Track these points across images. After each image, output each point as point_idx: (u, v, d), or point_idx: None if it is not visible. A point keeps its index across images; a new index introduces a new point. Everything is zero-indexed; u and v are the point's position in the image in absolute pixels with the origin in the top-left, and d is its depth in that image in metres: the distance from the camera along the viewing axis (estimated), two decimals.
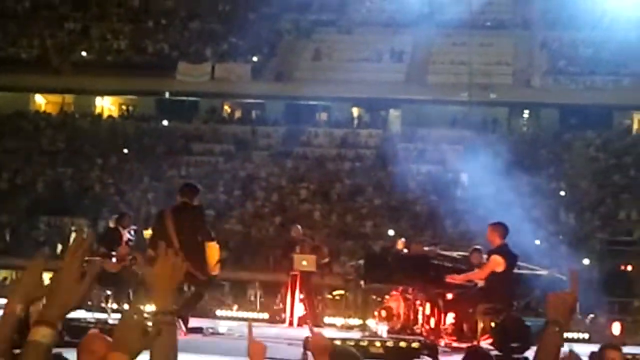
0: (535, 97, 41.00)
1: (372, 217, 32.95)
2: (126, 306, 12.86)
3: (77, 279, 2.70)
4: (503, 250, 11.74)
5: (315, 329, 4.49)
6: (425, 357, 8.90)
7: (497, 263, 11.56)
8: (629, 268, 20.00)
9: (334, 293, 20.06)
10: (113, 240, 13.43)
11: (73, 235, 28.94)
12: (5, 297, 3.55)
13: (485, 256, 12.53)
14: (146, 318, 2.80)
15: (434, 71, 42.55)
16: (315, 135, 40.68)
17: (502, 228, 12.03)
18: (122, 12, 46.88)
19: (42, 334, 2.61)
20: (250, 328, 4.45)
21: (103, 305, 13.37)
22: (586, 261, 27.49)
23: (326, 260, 16.54)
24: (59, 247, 30.59)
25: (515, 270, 15.55)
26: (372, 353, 8.87)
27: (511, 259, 11.76)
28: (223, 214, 33.18)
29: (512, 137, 39.83)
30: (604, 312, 19.52)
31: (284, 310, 16.32)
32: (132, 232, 13.71)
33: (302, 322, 15.65)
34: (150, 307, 3.09)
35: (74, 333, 7.18)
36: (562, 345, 3.39)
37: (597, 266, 25.43)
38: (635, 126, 42.15)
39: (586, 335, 18.61)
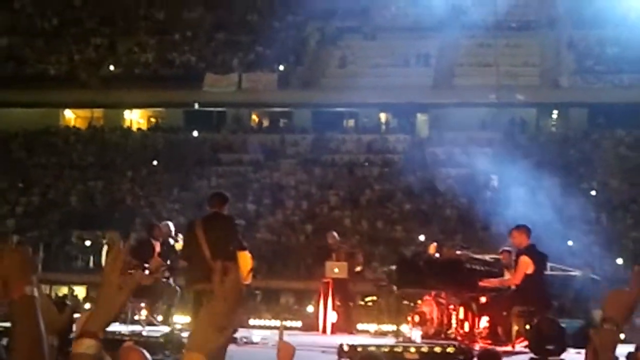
0: (563, 97, 40.79)
1: (403, 222, 32.89)
2: (160, 318, 12.92)
3: (117, 289, 2.74)
4: (530, 251, 11.75)
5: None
6: None
7: (527, 264, 11.54)
8: None
9: (367, 299, 20.05)
10: (145, 251, 13.48)
11: (105, 248, 29.11)
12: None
13: (514, 259, 12.49)
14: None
15: (461, 74, 42.45)
16: (343, 141, 40.68)
17: (526, 229, 12.07)
18: (148, 25, 47.22)
19: (86, 346, 2.65)
20: (281, 331, 4.49)
21: (137, 317, 13.43)
22: (619, 260, 27.31)
23: (359, 268, 16.51)
24: (91, 260, 30.82)
25: (548, 272, 15.50)
26: (407, 359, 8.85)
27: (540, 258, 11.75)
28: (253, 223, 33.25)
29: (541, 138, 39.65)
30: (639, 312, 19.33)
31: (317, 318, 16.31)
32: (172, 240, 13.75)
33: (335, 329, 15.65)
34: (178, 318, 3.10)
35: (108, 346, 7.25)
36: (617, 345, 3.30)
37: (631, 265, 25.24)
38: None
39: (622, 336, 18.45)
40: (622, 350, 10.19)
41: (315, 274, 17.69)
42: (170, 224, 14.14)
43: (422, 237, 28.65)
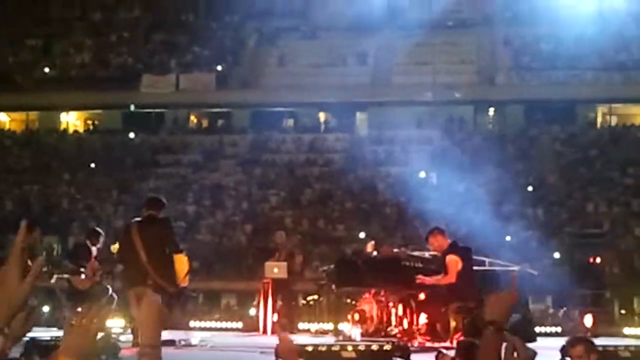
0: (500, 94, 41.27)
1: (344, 221, 32.97)
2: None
3: (18, 276, 2.66)
4: (454, 248, 11.92)
5: (283, 334, 4.48)
6: (398, 358, 8.91)
7: (455, 262, 11.70)
8: (598, 260, 20.19)
9: (308, 298, 20.05)
10: (82, 256, 13.32)
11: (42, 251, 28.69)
12: None
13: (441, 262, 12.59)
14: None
15: (399, 72, 42.69)
16: (283, 141, 40.65)
17: (439, 231, 12.32)
18: (83, 26, 46.67)
19: None
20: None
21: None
22: (556, 255, 27.69)
23: (298, 268, 16.52)
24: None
25: (487, 267, 15.67)
26: (345, 357, 8.87)
27: (464, 252, 11.92)
28: (193, 224, 33.06)
29: (478, 135, 40.02)
30: (576, 304, 19.67)
31: (258, 319, 16.29)
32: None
33: (275, 329, 15.64)
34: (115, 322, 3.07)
35: (44, 352, 7.15)
36: (502, 343, 3.46)
37: (568, 259, 25.64)
38: (599, 119, 42.54)
39: (559, 329, 18.76)
40: (557, 343, 10.34)
41: (257, 274, 17.68)
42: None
43: (362, 235, 28.76)
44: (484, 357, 3.35)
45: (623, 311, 23.31)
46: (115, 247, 11.73)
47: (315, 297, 18.44)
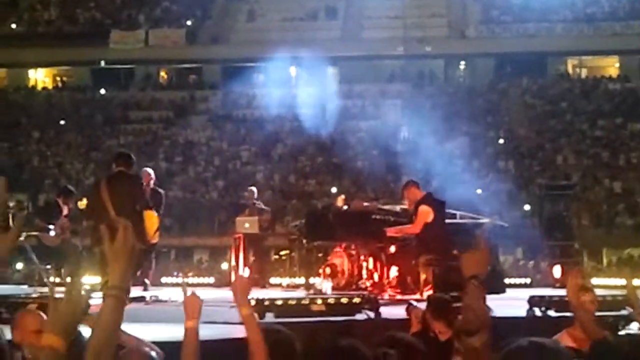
0: (470, 47, 41.25)
1: (315, 176, 33.02)
2: (68, 279, 12.75)
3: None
4: (428, 200, 11.88)
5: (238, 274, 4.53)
6: (367, 311, 8.97)
7: (426, 212, 11.66)
8: (565, 212, 20.36)
9: (280, 253, 20.12)
10: (52, 213, 13.26)
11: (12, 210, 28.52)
12: None
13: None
14: (84, 294, 2.80)
15: (369, 27, 42.52)
16: (253, 97, 40.47)
17: (413, 183, 12.25)
18: None
19: None
20: (184, 287, 4.49)
21: (45, 279, 13.25)
22: (527, 207, 27.91)
23: (264, 225, 16.52)
24: None
25: (458, 220, 15.75)
26: (314, 311, 8.90)
27: (438, 205, 11.88)
28: (165, 181, 32.95)
29: (449, 89, 40.06)
30: (545, 256, 19.87)
31: (230, 273, 16.34)
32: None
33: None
34: (88, 279, 3.09)
35: (14, 309, 7.12)
36: (485, 295, 3.64)
37: (538, 211, 25.82)
38: (569, 72, 42.67)
39: (528, 280, 18.94)
40: (525, 294, 10.42)
41: (228, 230, 17.70)
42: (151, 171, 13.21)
43: (334, 190, 28.82)
44: (469, 309, 3.52)
45: (592, 262, 23.62)
46: (82, 204, 11.68)
47: (287, 251, 18.48)
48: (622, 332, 6.69)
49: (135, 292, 11.08)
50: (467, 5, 43.26)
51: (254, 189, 17.36)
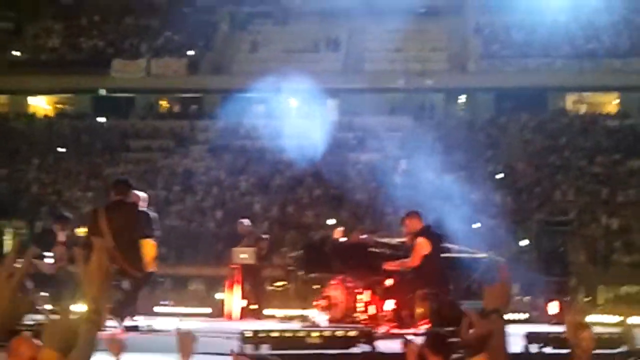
0: (471, 81, 41.42)
1: (313, 207, 33.01)
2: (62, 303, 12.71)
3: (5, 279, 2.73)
4: (426, 232, 11.83)
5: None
6: (363, 344, 8.96)
7: (423, 245, 11.60)
8: (562, 248, 20.36)
9: (276, 284, 20.06)
10: (48, 241, 13.24)
11: (8, 236, 28.49)
12: None
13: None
14: (72, 318, 2.84)
15: (370, 59, 42.71)
16: (253, 127, 40.51)
17: (416, 214, 12.15)
18: (54, 9, 46.29)
19: None
20: (180, 328, 4.50)
21: (39, 307, 13.19)
22: (525, 242, 27.87)
23: (262, 253, 16.51)
24: None
25: (455, 254, 15.75)
26: (310, 343, 8.90)
27: (436, 238, 11.82)
28: (163, 210, 32.95)
29: (449, 122, 40.16)
30: (542, 292, 19.82)
31: (225, 305, 16.30)
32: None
33: (243, 315, 15.65)
34: (79, 306, 3.10)
35: (8, 336, 7.11)
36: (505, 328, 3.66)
37: (535, 247, 25.80)
38: (568, 107, 42.80)
39: (525, 316, 18.89)
40: (522, 329, 10.40)
41: (225, 260, 17.67)
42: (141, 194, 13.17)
43: (331, 222, 28.79)
44: (494, 342, 3.56)
45: (588, 298, 23.54)
46: (81, 231, 11.69)
47: (283, 282, 18.45)
48: None
49: (128, 321, 11.07)
50: (468, 39, 43.49)
51: (244, 221, 17.39)
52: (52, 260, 12.82)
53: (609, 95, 42.88)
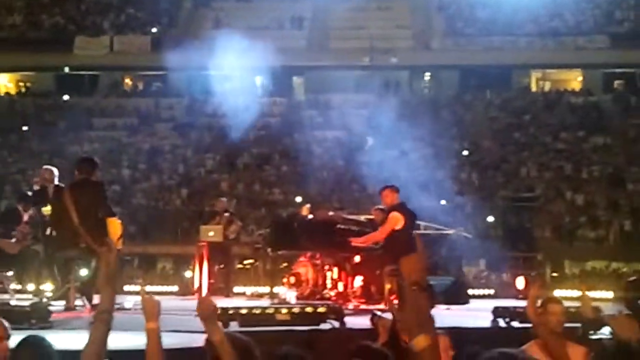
0: (435, 59, 41.42)
1: (280, 185, 32.96)
2: (30, 287, 12.61)
3: None
4: (401, 208, 11.70)
5: (203, 296, 4.55)
6: (332, 321, 8.95)
7: (396, 219, 11.42)
8: (528, 224, 20.56)
9: (244, 262, 20.03)
10: (12, 220, 13.09)
11: None
12: None
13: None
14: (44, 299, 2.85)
15: (335, 37, 42.59)
16: (219, 105, 40.28)
17: (394, 188, 11.98)
18: None
19: None
20: (143, 291, 4.47)
21: (4, 286, 13.08)
22: (491, 218, 28.05)
23: (233, 235, 16.43)
24: None
25: (422, 231, 15.78)
26: (279, 320, 8.88)
27: (410, 215, 11.69)
28: (129, 188, 32.78)
29: (414, 100, 40.20)
30: (509, 267, 19.99)
31: (193, 282, 16.24)
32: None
33: (211, 293, 15.60)
34: (47, 286, 3.07)
35: None
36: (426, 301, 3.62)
37: (501, 223, 25.97)
38: (533, 85, 43.00)
39: (492, 291, 19.04)
40: (489, 305, 10.45)
41: (193, 238, 17.62)
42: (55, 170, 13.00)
43: (299, 199, 28.77)
44: (412, 315, 3.49)
45: (554, 274, 23.76)
46: (47, 210, 11.56)
47: (251, 260, 18.42)
48: (593, 338, 6.72)
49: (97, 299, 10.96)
50: (432, 17, 43.48)
51: (224, 199, 17.36)
52: (14, 240, 12.67)
53: (572, 73, 43.11)
